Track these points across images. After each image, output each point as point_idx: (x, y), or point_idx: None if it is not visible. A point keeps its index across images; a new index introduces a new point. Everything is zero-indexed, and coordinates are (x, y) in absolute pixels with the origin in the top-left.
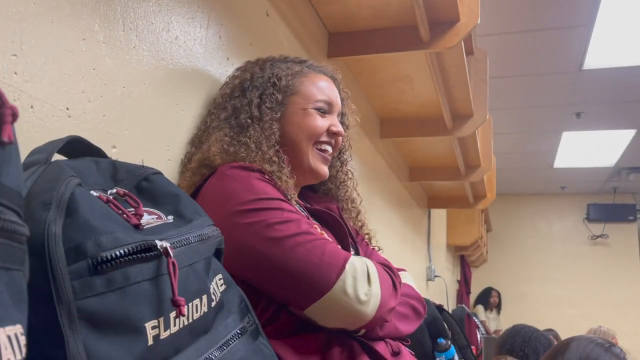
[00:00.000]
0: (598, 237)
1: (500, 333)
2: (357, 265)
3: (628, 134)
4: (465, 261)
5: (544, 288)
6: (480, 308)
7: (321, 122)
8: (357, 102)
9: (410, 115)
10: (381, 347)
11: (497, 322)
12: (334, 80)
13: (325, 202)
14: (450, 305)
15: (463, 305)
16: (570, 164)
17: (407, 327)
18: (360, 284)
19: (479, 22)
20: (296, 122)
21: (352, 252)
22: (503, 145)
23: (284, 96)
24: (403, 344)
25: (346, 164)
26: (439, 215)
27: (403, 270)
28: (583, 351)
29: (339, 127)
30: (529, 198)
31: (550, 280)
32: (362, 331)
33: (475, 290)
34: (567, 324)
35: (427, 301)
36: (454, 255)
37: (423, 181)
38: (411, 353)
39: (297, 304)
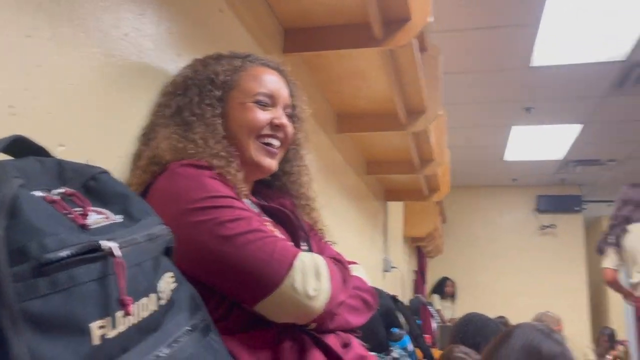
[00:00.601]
0: (547, 227)
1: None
2: (306, 262)
3: (575, 128)
4: (421, 252)
5: (497, 277)
6: (435, 297)
7: (262, 116)
8: (314, 97)
9: (366, 111)
10: (331, 340)
11: (452, 311)
12: (280, 72)
13: (279, 198)
14: (407, 295)
15: (419, 296)
16: (520, 157)
17: (358, 319)
18: (308, 280)
19: (429, 20)
20: (236, 117)
21: (305, 247)
22: (456, 138)
23: (223, 92)
24: (354, 336)
25: (302, 160)
26: (396, 208)
27: (354, 263)
28: (527, 338)
29: (282, 120)
30: (482, 190)
31: (503, 270)
32: (313, 325)
33: (432, 280)
34: (520, 312)
35: (382, 292)
36: (411, 246)
37: (379, 175)
38: (362, 344)
39: (247, 301)
